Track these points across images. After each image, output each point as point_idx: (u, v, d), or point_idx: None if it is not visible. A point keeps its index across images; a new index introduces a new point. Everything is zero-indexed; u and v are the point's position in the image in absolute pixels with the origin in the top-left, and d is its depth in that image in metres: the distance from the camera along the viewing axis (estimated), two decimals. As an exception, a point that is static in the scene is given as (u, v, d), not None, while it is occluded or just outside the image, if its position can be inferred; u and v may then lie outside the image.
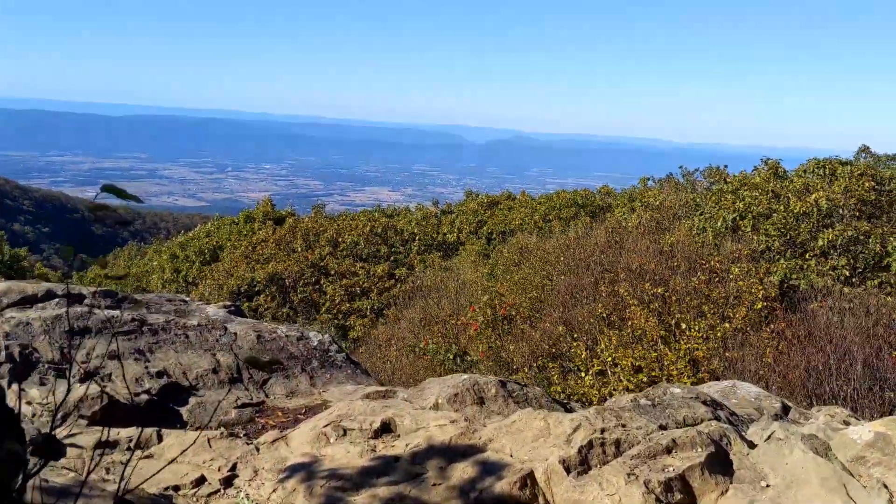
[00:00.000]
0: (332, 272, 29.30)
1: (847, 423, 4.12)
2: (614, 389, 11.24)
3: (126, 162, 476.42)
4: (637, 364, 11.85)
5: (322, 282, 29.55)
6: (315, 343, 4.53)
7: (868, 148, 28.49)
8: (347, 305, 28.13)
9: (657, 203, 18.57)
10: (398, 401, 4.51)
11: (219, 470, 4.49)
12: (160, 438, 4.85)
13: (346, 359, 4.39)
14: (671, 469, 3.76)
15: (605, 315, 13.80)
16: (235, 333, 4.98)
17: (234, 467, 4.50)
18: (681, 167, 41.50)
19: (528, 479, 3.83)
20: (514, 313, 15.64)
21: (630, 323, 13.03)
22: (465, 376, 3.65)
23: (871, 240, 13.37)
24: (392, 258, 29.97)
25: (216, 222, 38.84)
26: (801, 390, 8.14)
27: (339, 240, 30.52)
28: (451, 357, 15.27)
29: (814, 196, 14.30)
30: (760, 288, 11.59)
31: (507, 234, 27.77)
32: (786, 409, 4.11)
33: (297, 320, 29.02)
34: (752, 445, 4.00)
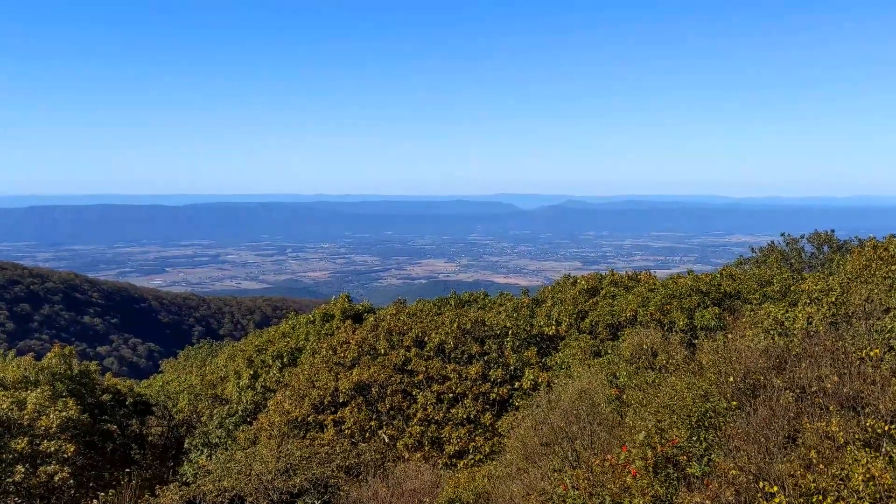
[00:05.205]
0: (421, 375, 26.95)
1: None
2: None
3: (190, 249, 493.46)
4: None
5: (409, 387, 27.21)
6: None
7: None
8: (441, 415, 25.62)
9: (832, 298, 15.68)
10: None
11: None
12: None
13: None
14: None
15: (812, 462, 11.01)
16: None
17: None
18: (783, 234, 38.38)
19: None
20: (678, 453, 12.96)
21: (853, 473, 10.28)
22: None
23: None
24: (484, 357, 27.45)
25: (292, 321, 37.14)
26: None
27: (426, 339, 28.23)
28: (607, 514, 12.67)
29: None
30: None
31: (616, 328, 25.01)
32: None
33: (385, 432, 26.75)
34: None
